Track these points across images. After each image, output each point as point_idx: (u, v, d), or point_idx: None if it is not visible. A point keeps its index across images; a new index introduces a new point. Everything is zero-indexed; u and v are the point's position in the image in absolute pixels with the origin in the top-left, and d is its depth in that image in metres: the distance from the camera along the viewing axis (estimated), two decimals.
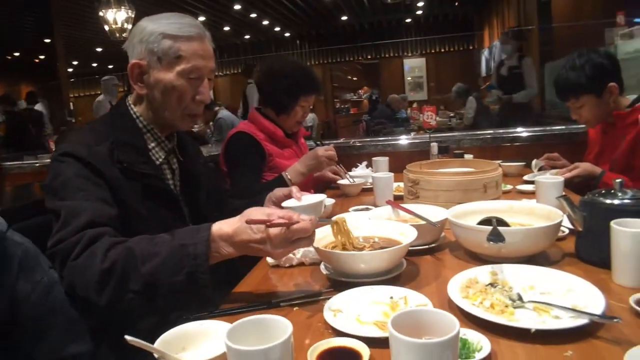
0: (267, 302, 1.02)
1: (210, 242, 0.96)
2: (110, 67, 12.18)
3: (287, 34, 12.95)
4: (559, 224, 1.14)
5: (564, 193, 1.56)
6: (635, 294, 0.92)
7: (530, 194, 1.83)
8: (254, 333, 0.70)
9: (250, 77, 5.82)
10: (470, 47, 12.24)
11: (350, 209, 1.79)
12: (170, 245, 0.96)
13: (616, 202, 1.09)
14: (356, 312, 0.92)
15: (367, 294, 0.98)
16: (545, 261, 1.17)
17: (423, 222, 1.25)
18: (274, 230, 0.95)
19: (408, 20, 12.58)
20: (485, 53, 10.60)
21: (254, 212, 0.98)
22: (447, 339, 0.61)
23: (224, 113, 5.04)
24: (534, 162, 2.23)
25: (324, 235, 1.20)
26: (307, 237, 0.97)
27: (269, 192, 1.49)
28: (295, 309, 1.00)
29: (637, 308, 0.87)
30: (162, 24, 1.18)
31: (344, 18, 12.16)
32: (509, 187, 2.03)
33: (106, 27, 5.54)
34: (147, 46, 1.17)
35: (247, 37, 12.83)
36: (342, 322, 0.87)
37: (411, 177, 1.55)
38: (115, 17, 5.47)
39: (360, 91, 13.18)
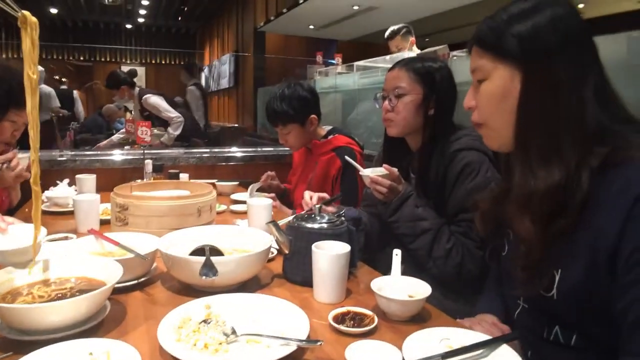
0: None
1: None
2: None
3: None
4: (268, 250, 1.19)
5: (272, 215, 1.67)
6: (333, 310, 1.01)
7: (243, 214, 1.89)
8: None
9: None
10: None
11: (42, 241, 1.49)
12: None
13: (316, 226, 1.20)
14: None
15: (61, 353, 0.80)
16: (256, 285, 1.19)
17: (131, 256, 1.11)
18: None
19: (128, 26, 11.92)
20: (205, 71, 10.91)
21: None
22: None
23: None
24: (250, 187, 2.32)
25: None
26: None
27: None
28: None
29: (334, 324, 0.95)
30: None
31: (54, 11, 10.66)
32: (224, 207, 2.06)
33: None
34: None
35: None
36: None
37: (119, 202, 1.39)
38: None
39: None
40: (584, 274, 0.81)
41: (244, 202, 2.17)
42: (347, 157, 1.69)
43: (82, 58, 11.46)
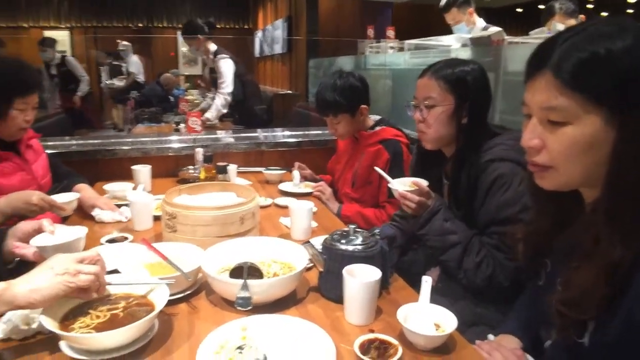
0: None
1: None
2: None
3: None
4: (303, 271, 1.25)
5: (315, 223, 1.74)
6: (360, 337, 1.06)
7: (287, 209, 1.96)
8: None
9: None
10: (246, 27, 12.41)
11: (103, 240, 1.63)
12: None
13: (350, 248, 1.24)
14: None
15: None
16: (292, 300, 1.26)
17: (177, 274, 1.21)
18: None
19: None
20: (259, 35, 10.91)
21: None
22: None
23: None
24: (294, 173, 2.40)
25: (58, 304, 1.06)
26: None
27: None
28: None
29: (360, 355, 1.01)
30: None
31: None
32: (269, 201, 2.14)
33: None
34: None
35: None
36: None
37: (168, 211, 1.49)
38: None
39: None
40: (618, 334, 0.78)
41: (289, 195, 2.25)
42: (376, 168, 1.71)
43: (140, 25, 11.71)
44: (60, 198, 1.76)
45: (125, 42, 7.19)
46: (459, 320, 1.08)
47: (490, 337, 1.37)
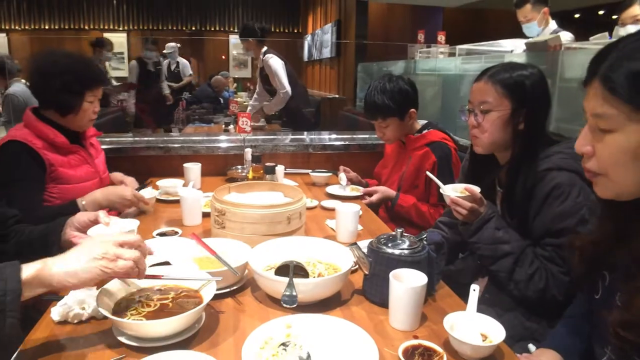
0: None
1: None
2: None
3: None
4: (348, 272, 1.25)
5: (360, 226, 1.73)
6: (404, 342, 1.05)
7: (333, 211, 1.96)
8: None
9: None
10: (295, 31, 12.55)
11: (155, 233, 1.69)
12: None
13: (396, 252, 1.23)
14: None
15: None
16: (336, 301, 1.26)
17: (225, 269, 1.24)
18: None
19: None
20: (308, 39, 11.02)
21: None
22: None
23: (17, 87, 3.88)
24: (341, 175, 2.41)
25: (112, 291, 1.11)
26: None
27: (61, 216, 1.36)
28: None
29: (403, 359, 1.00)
30: None
31: None
32: (315, 202, 2.15)
33: None
34: None
35: None
36: None
37: (218, 207, 1.53)
38: None
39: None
40: None
41: (336, 197, 2.25)
42: (428, 173, 1.68)
43: (193, 28, 12.07)
44: (144, 194, 1.96)
45: (171, 44, 7.30)
46: (506, 334, 1.05)
47: (531, 347, 1.32)
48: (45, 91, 1.82)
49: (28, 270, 0.91)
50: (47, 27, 11.35)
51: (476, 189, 1.44)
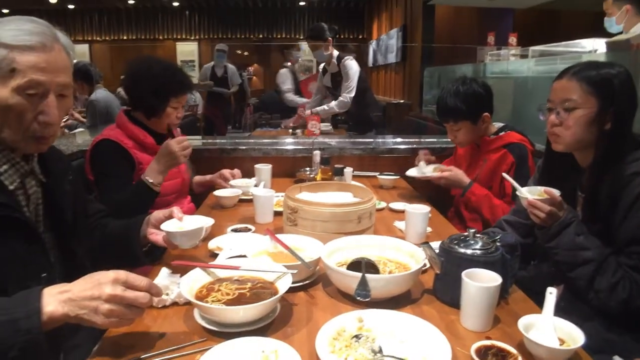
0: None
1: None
2: None
3: (175, 4, 12.19)
4: (419, 270, 1.26)
5: (429, 228, 1.73)
6: (477, 342, 1.04)
7: (402, 213, 1.96)
8: None
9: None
10: (360, 37, 12.62)
11: (228, 230, 1.77)
12: None
13: (469, 251, 1.22)
14: None
15: (241, 346, 0.99)
16: (407, 299, 1.27)
17: (299, 263, 1.28)
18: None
19: (302, 3, 12.57)
20: (373, 44, 11.03)
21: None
22: None
23: (99, 93, 4.19)
24: (421, 163, 2.40)
25: (194, 279, 1.18)
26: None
27: (137, 206, 1.55)
28: None
29: (476, 358, 0.99)
30: (0, 30, 1.02)
31: None
32: (383, 204, 2.17)
33: None
34: None
35: (131, 1, 11.85)
36: None
37: (290, 205, 1.58)
38: None
39: (250, 69, 12.92)
40: None
41: (414, 179, 2.26)
42: (504, 175, 1.63)
43: (260, 36, 12.45)
44: (223, 193, 2.17)
45: (221, 44, 7.22)
46: (584, 344, 1.01)
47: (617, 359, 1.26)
48: (136, 93, 1.99)
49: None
50: (125, 38, 12.18)
51: (556, 192, 1.40)
